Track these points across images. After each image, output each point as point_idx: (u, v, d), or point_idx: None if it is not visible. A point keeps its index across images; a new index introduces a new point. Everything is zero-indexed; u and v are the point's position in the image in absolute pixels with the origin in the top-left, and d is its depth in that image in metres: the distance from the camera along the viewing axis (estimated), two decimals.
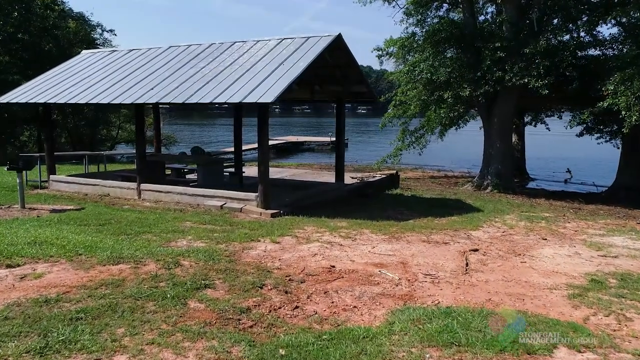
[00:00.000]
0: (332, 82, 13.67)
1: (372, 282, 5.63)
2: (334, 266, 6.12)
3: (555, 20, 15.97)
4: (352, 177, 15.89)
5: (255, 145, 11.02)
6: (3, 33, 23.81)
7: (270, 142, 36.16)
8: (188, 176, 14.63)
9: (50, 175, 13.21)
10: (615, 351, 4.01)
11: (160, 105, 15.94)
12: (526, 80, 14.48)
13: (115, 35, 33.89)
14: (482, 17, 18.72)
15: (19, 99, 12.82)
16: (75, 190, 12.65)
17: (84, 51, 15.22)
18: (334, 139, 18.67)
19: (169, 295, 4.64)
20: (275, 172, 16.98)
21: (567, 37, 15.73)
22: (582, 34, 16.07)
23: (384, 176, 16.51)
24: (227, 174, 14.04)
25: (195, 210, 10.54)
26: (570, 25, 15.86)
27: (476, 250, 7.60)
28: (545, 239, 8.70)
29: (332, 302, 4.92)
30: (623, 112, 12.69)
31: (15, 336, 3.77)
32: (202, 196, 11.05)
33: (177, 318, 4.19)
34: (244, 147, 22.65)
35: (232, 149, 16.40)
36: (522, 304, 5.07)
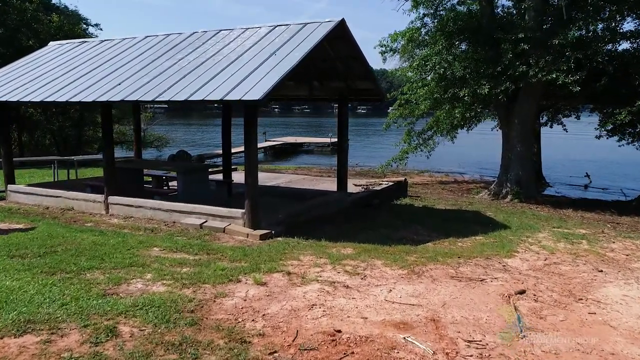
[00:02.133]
0: (333, 78, 11.87)
1: None
2: (339, 330, 4.34)
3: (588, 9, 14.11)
4: (356, 185, 14.11)
5: None
6: None
7: (268, 144, 34.86)
8: (172, 184, 12.85)
9: (8, 185, 11.42)
10: None
11: (140, 104, 14.22)
12: (554, 76, 12.67)
13: (102, 30, 31.67)
14: (496, 11, 16.90)
15: None
16: (36, 203, 10.88)
17: (51, 42, 13.39)
18: (334, 139, 16.99)
19: None
20: (270, 178, 15.20)
21: (601, 26, 13.84)
22: (600, 26, 14.27)
23: (391, 183, 14.72)
24: (215, 181, 12.28)
25: (170, 229, 8.76)
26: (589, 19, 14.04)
27: (523, 292, 5.84)
28: (602, 271, 6.95)
29: None
30: None
31: None
32: (179, 212, 9.26)
33: None
34: (237, 149, 20.93)
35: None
36: None
